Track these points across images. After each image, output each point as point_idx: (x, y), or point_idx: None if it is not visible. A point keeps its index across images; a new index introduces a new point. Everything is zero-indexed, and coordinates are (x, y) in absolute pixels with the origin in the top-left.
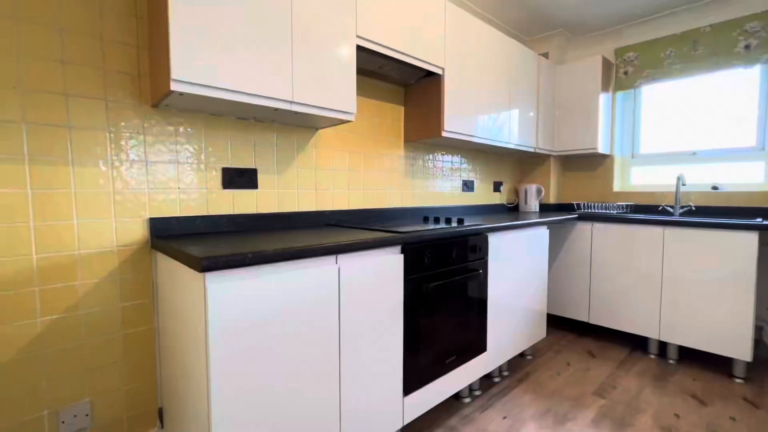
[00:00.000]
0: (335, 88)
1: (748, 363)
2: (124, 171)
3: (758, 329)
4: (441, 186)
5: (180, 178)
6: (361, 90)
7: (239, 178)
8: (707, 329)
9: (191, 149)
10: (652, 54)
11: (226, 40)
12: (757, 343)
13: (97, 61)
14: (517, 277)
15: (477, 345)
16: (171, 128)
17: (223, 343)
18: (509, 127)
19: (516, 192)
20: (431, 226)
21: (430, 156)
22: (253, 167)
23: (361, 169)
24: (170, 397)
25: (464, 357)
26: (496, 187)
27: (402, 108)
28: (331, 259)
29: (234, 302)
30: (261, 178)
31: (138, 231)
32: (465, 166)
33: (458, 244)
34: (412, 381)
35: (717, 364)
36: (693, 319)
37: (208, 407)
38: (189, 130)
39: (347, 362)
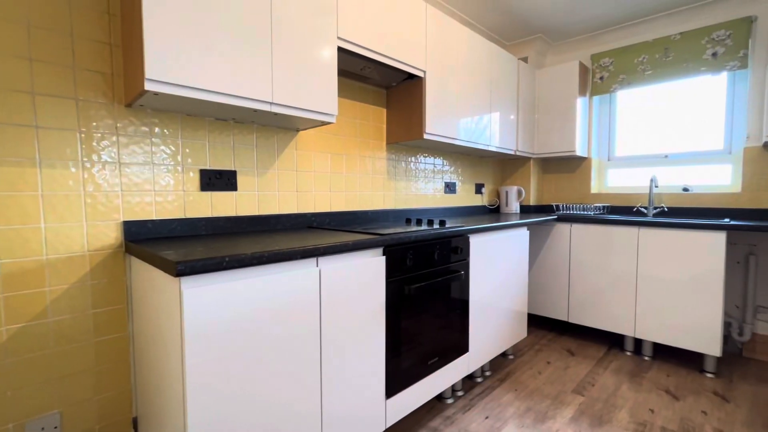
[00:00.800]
0: (316, 90)
1: (718, 358)
2: (95, 173)
3: (727, 325)
4: (423, 188)
5: (156, 180)
6: (343, 92)
7: (218, 180)
8: (679, 326)
9: (167, 150)
10: (626, 60)
11: (204, 39)
12: (726, 338)
13: (67, 59)
14: (498, 277)
15: (459, 346)
16: (146, 129)
17: (200, 350)
18: (490, 130)
19: (497, 194)
20: (413, 228)
21: (413, 158)
22: (232, 169)
23: (343, 171)
24: (145, 405)
25: (447, 358)
26: (478, 189)
27: (384, 110)
28: (311, 261)
29: (211, 307)
30: (240, 179)
31: (111, 235)
32: (447, 168)
33: (440, 246)
34: (395, 383)
35: (689, 360)
36: (666, 316)
37: (184, 415)
38: (165, 130)
39: (329, 366)
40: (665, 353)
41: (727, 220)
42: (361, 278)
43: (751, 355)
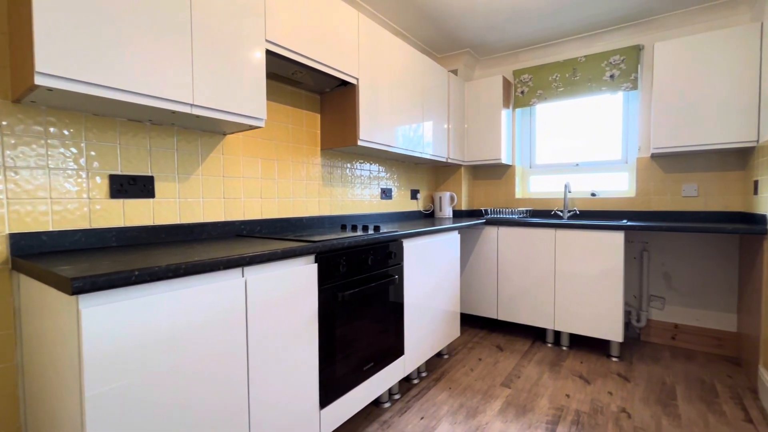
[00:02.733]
0: (243, 93)
1: (620, 343)
2: None
3: (627, 314)
4: (360, 194)
5: (52, 187)
6: (275, 96)
7: (131, 186)
8: (590, 317)
9: (67, 153)
10: (542, 77)
11: (111, 30)
12: (627, 325)
13: None
14: (431, 280)
15: (395, 349)
16: (39, 128)
17: (103, 378)
18: (424, 138)
19: (432, 199)
20: (347, 234)
21: (349, 164)
22: (149, 174)
23: (275, 177)
24: None
25: (382, 362)
26: (413, 194)
27: (318, 115)
28: (236, 272)
29: (118, 329)
30: (159, 186)
31: None
32: (383, 174)
33: (374, 251)
34: (329, 393)
35: (598, 347)
36: (579, 308)
37: None
38: (64, 131)
39: (257, 381)
40: (579, 342)
41: (625, 221)
42: (292, 287)
43: (646, 339)
